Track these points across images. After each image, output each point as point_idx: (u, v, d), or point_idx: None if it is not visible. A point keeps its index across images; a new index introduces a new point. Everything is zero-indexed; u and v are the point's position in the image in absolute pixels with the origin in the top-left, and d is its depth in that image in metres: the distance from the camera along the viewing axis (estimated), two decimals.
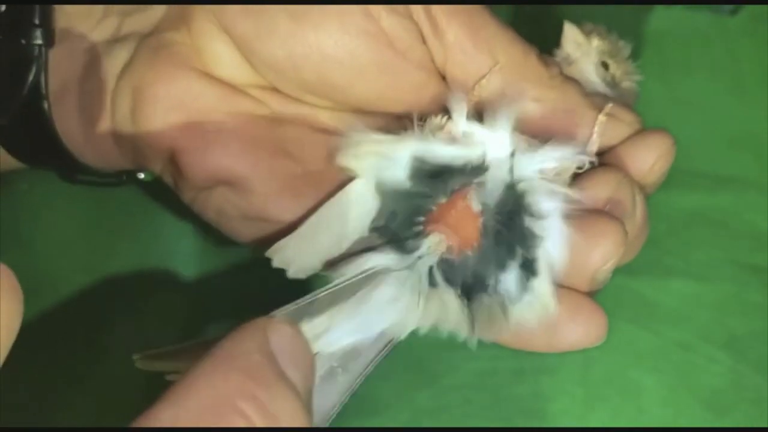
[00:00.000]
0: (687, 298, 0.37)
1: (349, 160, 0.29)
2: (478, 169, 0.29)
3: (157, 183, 0.35)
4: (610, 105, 0.31)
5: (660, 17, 0.44)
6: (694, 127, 0.42)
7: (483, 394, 0.35)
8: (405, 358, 0.35)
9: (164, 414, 0.19)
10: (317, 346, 0.27)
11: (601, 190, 0.30)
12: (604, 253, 0.29)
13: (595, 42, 0.35)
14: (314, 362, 0.23)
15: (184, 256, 0.37)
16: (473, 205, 0.28)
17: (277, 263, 0.30)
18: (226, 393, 0.19)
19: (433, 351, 0.35)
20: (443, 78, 0.30)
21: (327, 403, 0.27)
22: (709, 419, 0.34)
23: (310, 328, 0.27)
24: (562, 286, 0.29)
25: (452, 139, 0.29)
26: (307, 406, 0.21)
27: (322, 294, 0.28)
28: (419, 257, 0.28)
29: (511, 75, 0.30)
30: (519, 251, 0.28)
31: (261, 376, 0.20)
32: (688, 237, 0.39)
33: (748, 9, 0.45)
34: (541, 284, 0.28)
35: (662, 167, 0.31)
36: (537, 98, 0.30)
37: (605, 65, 0.35)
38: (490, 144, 0.29)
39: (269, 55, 0.29)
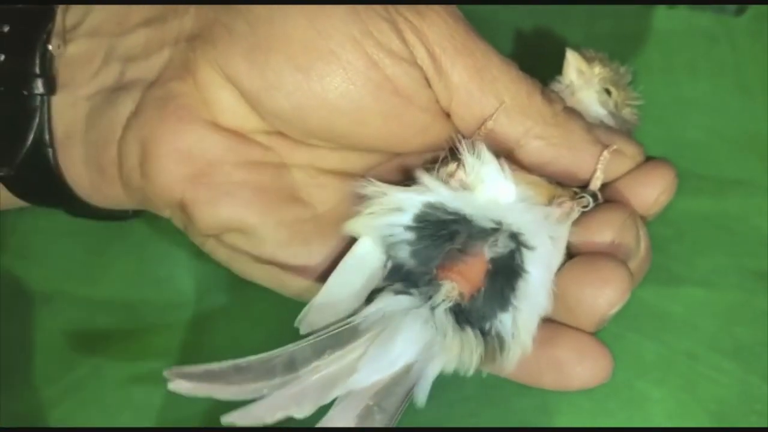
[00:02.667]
0: (693, 306, 0.36)
1: (357, 229, 0.30)
2: (488, 218, 0.29)
3: None
4: (614, 146, 0.31)
5: (664, 17, 0.44)
6: (699, 128, 0.42)
7: (488, 407, 0.34)
8: None
9: None
10: (349, 385, 0.28)
11: (605, 232, 0.30)
12: (609, 299, 0.29)
13: (597, 69, 0.34)
14: None
15: (183, 271, 0.37)
16: (485, 253, 0.29)
17: (304, 330, 0.30)
18: None
19: None
20: (448, 116, 0.30)
21: None
22: None
23: (338, 369, 0.28)
24: (569, 327, 0.30)
25: (462, 187, 0.29)
26: None
27: (342, 329, 0.28)
28: (432, 306, 0.29)
29: (516, 114, 0.30)
30: (516, 292, 0.29)
31: None
32: (693, 243, 0.38)
33: (753, 9, 0.44)
34: (522, 321, 0.29)
35: (666, 200, 0.31)
36: (541, 136, 0.30)
37: (608, 92, 0.34)
38: (498, 191, 0.29)
39: (276, 106, 0.29)
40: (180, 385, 0.27)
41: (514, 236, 0.29)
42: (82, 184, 0.32)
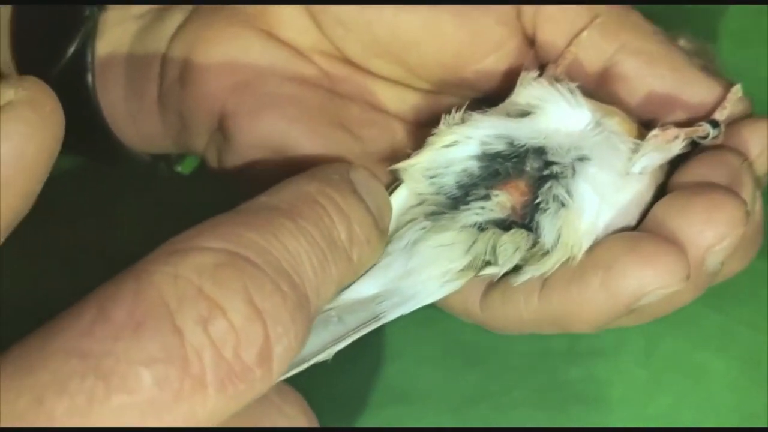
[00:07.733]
0: (754, 274, 0.33)
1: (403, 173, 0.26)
2: (560, 148, 0.25)
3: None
4: (738, 85, 0.27)
5: None
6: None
7: (532, 379, 0.32)
8: (446, 340, 0.32)
9: (263, 198, 0.22)
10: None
11: (719, 170, 0.25)
12: (720, 230, 0.23)
13: None
14: (390, 203, 0.24)
15: None
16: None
17: None
18: (308, 191, 0.22)
19: (478, 332, 0.31)
20: (530, 44, 0.28)
21: (311, 347, 0.24)
22: None
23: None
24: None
25: (533, 106, 0.25)
26: (381, 231, 0.23)
27: None
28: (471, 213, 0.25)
29: (612, 28, 0.26)
30: (560, 186, 0.25)
31: (337, 186, 0.22)
32: None
33: None
34: (569, 217, 0.25)
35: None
36: (640, 51, 0.26)
37: None
38: (570, 118, 0.25)
39: (341, 10, 0.27)
40: None
41: (582, 158, 0.25)
42: (117, 115, 0.30)
